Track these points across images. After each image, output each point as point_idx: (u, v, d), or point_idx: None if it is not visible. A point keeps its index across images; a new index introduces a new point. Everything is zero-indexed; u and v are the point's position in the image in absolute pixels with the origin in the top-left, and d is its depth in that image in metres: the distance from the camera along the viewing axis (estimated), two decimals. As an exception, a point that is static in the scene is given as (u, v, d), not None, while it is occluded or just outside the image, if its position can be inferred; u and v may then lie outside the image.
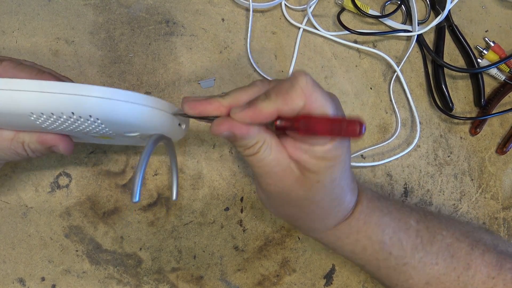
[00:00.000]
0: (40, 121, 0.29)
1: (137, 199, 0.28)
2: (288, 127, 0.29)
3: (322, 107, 0.28)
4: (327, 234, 0.37)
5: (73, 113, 0.28)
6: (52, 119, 0.29)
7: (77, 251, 0.43)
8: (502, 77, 0.52)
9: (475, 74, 0.51)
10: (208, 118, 0.31)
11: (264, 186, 0.33)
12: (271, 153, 0.31)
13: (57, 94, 0.27)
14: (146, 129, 0.32)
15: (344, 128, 0.27)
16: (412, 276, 0.37)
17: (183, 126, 0.35)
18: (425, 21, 0.52)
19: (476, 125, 0.51)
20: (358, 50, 0.50)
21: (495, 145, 0.52)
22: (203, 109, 0.30)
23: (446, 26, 0.52)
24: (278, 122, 0.29)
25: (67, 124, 0.30)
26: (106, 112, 0.29)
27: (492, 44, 0.52)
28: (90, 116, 0.29)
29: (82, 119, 0.29)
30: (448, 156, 0.51)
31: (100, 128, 0.31)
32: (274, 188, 0.32)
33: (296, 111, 0.28)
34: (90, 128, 0.31)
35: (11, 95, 0.27)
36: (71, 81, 0.38)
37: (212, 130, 0.29)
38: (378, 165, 0.49)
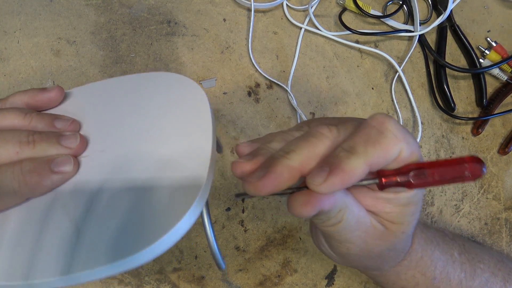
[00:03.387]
0: None
1: (223, 267, 0.26)
2: (396, 184, 0.24)
3: (416, 151, 0.24)
4: (390, 272, 0.35)
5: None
6: None
7: (78, 251, 0.43)
8: (504, 77, 0.52)
9: (477, 74, 0.51)
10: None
11: (343, 250, 0.29)
12: (353, 217, 0.26)
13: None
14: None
15: (467, 171, 0.23)
16: None
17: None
18: (427, 21, 0.52)
19: (478, 125, 0.51)
20: (359, 50, 0.50)
21: (497, 145, 0.52)
22: (275, 187, 0.23)
23: (448, 26, 0.52)
24: (384, 180, 0.24)
25: None
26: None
27: (494, 44, 0.52)
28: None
29: None
30: (450, 157, 0.51)
31: None
32: (355, 250, 0.29)
33: (389, 162, 0.24)
34: None
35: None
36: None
37: (298, 212, 0.24)
38: (380, 165, 0.49)
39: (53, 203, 0.26)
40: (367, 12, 0.49)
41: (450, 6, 0.49)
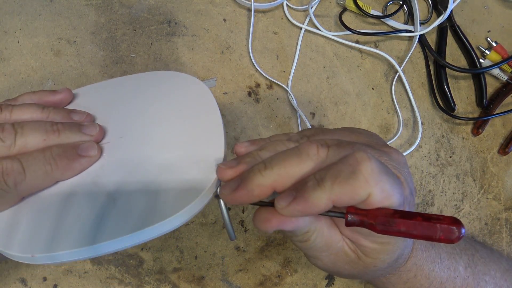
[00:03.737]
0: None
1: (233, 237, 0.28)
2: (360, 224, 0.24)
3: (387, 198, 0.24)
4: (378, 281, 0.36)
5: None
6: None
7: (78, 251, 0.43)
8: (505, 77, 0.52)
9: (477, 74, 0.51)
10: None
11: (316, 262, 0.30)
12: (322, 239, 0.27)
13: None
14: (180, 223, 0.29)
15: (439, 233, 0.22)
16: None
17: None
18: (427, 21, 0.52)
19: (478, 125, 0.51)
20: (360, 50, 0.50)
21: (497, 145, 0.52)
22: (247, 199, 0.25)
23: (448, 26, 0.52)
24: (349, 218, 0.24)
25: None
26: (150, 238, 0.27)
27: (494, 44, 0.52)
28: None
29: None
30: (450, 157, 0.51)
31: None
32: (324, 267, 0.30)
33: (356, 203, 0.24)
34: None
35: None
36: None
37: (258, 226, 0.26)
38: (380, 165, 0.49)
39: (82, 182, 0.29)
40: (367, 12, 0.49)
41: (450, 6, 0.49)
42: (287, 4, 0.48)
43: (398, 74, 0.50)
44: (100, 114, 0.33)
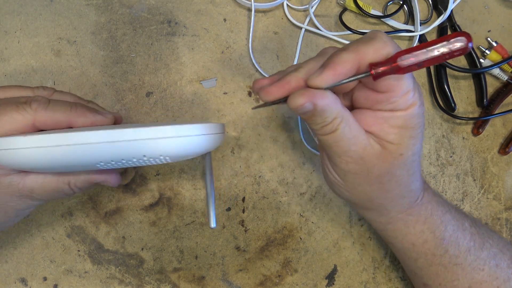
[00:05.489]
0: (103, 165, 0.29)
1: (214, 225, 0.29)
2: (385, 73, 0.26)
3: (395, 46, 0.27)
4: (398, 219, 0.37)
5: (144, 155, 0.28)
6: (120, 163, 0.29)
7: (79, 251, 0.43)
8: (505, 77, 0.52)
9: (477, 74, 0.51)
10: (281, 101, 0.29)
11: (343, 165, 0.31)
12: (350, 130, 0.29)
13: (130, 141, 0.27)
14: (204, 151, 0.32)
15: (452, 43, 0.24)
16: (458, 278, 0.37)
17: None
18: (427, 21, 0.52)
19: (479, 125, 0.51)
20: (360, 50, 0.50)
21: (497, 145, 0.52)
22: (283, 92, 0.28)
23: (448, 26, 0.52)
24: (374, 71, 0.26)
25: (130, 163, 0.29)
26: (178, 149, 0.28)
27: (494, 44, 0.52)
28: (161, 155, 0.28)
29: (150, 159, 0.29)
30: (451, 157, 0.51)
31: (161, 161, 0.30)
32: (354, 166, 0.31)
33: (379, 59, 0.27)
34: (150, 162, 0.30)
35: (81, 149, 0.27)
36: (99, 107, 0.38)
37: (292, 104, 0.27)
38: (380, 165, 0.49)
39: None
40: (368, 12, 0.49)
41: (451, 6, 0.49)
42: (287, 4, 0.48)
43: (398, 74, 0.50)
44: None
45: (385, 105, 0.29)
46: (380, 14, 0.50)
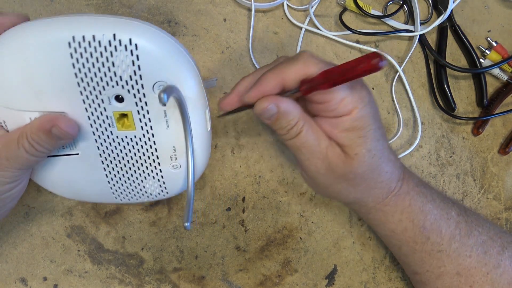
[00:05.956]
0: (73, 53, 0.29)
1: (188, 224, 0.30)
2: (313, 87, 0.30)
3: (321, 68, 0.30)
4: (376, 209, 0.38)
5: (114, 35, 0.28)
6: (89, 48, 0.29)
7: (79, 251, 0.43)
8: (505, 77, 0.52)
9: (477, 74, 0.51)
10: (241, 109, 0.34)
11: (312, 167, 0.34)
12: (313, 132, 0.33)
13: (101, 17, 0.29)
14: (175, 74, 0.31)
15: (363, 64, 0.27)
16: (444, 264, 0.38)
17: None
18: (427, 21, 0.52)
19: (479, 125, 0.51)
20: (360, 50, 0.50)
21: (497, 145, 0.52)
22: (230, 105, 0.34)
23: (448, 26, 0.52)
24: (303, 87, 0.31)
25: (96, 56, 0.29)
26: (146, 37, 0.29)
27: (494, 44, 0.52)
28: (130, 40, 0.28)
29: (118, 50, 0.29)
30: (450, 157, 0.51)
31: (131, 71, 0.30)
32: (321, 166, 0.34)
33: (298, 77, 0.31)
34: (120, 71, 0.30)
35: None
36: None
37: (258, 108, 0.32)
38: (380, 165, 0.49)
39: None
40: (368, 12, 0.49)
41: (451, 6, 0.49)
42: (287, 4, 0.48)
43: (398, 74, 0.50)
44: None
45: (327, 113, 0.32)
46: (380, 14, 0.50)
